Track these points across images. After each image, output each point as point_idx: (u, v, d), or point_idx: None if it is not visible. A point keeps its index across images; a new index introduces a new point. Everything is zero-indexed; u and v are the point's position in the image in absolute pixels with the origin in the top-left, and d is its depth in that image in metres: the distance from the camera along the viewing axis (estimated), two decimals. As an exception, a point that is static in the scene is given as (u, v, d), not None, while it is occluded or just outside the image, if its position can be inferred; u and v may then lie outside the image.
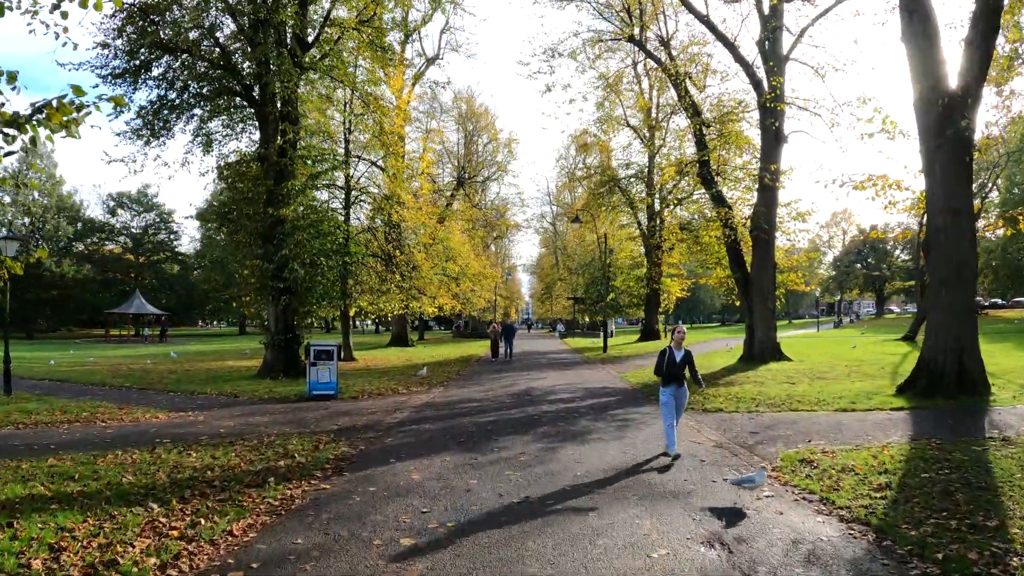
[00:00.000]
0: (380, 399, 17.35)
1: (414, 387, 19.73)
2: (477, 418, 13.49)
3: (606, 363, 27.90)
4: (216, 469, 9.27)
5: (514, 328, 34.42)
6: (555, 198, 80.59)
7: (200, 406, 16.44)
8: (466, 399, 16.78)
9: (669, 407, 9.91)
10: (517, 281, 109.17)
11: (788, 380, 18.71)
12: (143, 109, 24.10)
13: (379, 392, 18.64)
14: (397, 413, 14.53)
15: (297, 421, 13.69)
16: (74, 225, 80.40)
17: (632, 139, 44.34)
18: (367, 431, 12.33)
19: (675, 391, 9.97)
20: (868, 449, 10.03)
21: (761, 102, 24.24)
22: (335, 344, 18.10)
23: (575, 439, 11.05)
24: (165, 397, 18.44)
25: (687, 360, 9.99)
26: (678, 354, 9.92)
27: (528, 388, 19.00)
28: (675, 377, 9.96)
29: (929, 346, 15.45)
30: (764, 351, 24.29)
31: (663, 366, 9.96)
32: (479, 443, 10.79)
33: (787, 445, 10.46)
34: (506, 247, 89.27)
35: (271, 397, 17.96)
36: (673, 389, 9.96)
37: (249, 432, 12.32)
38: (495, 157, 52.23)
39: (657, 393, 15.58)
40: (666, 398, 9.95)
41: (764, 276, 24.54)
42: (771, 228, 24.54)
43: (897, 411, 13.52)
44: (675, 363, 9.91)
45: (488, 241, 68.82)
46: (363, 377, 23.38)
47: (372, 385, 20.20)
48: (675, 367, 9.92)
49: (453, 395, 17.80)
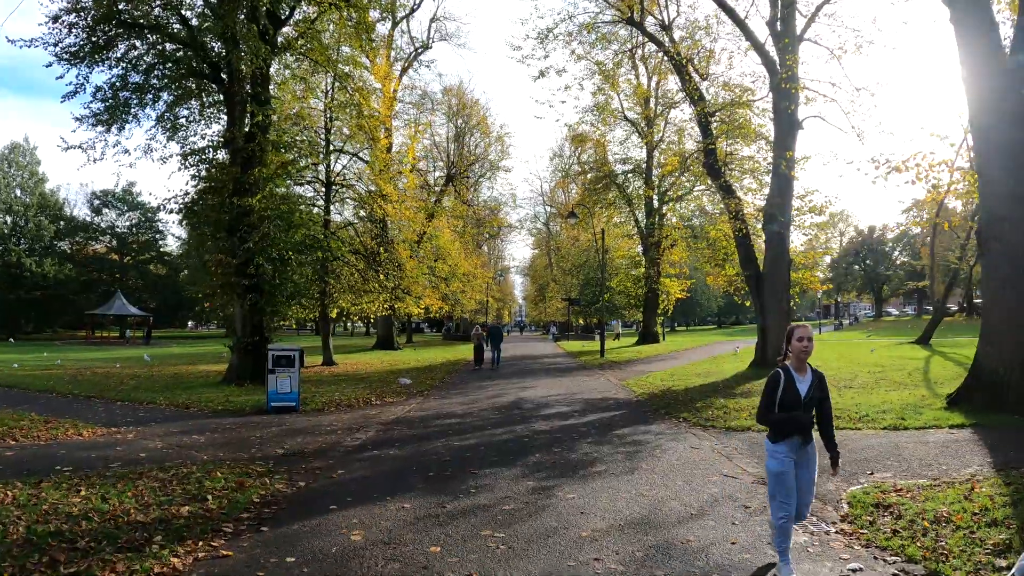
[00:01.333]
0: (347, 412, 14.84)
1: (390, 397, 17.25)
2: (454, 440, 10.96)
3: (604, 369, 25.43)
4: (95, 518, 6.77)
5: (501, 331, 30.56)
6: (549, 198, 78.44)
7: (139, 420, 14.00)
8: (445, 414, 14.26)
9: (786, 481, 5.09)
10: (510, 283, 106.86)
11: (813, 390, 16.28)
12: (100, 91, 21.70)
13: (348, 403, 16.13)
14: (361, 432, 12.01)
15: (239, 442, 11.22)
16: (56, 224, 77.49)
17: (630, 133, 42.04)
18: (317, 458, 9.83)
19: (798, 450, 5.14)
20: (952, 486, 7.64)
21: (775, 83, 21.84)
22: (295, 349, 15.59)
23: (575, 473, 8.52)
24: (107, 408, 16.01)
25: (821, 392, 5.16)
26: (802, 382, 5.09)
27: (518, 400, 16.49)
28: (800, 426, 5.06)
29: (987, 354, 13.04)
30: (779, 356, 21.87)
31: (777, 403, 5.05)
32: (452, 479, 8.27)
33: (846, 479, 8.06)
34: (499, 248, 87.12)
35: (224, 409, 15.49)
36: (794, 447, 5.12)
37: (173, 457, 9.86)
38: (487, 153, 49.82)
39: (670, 407, 12.98)
40: (782, 463, 5.09)
41: (778, 273, 22.14)
42: (786, 221, 22.15)
43: (957, 429, 11.17)
44: (799, 397, 5.03)
45: (480, 241, 66.42)
46: (336, 385, 20.90)
47: (344, 394, 17.71)
48: (801, 404, 5.03)
49: (431, 408, 15.27)
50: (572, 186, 56.74)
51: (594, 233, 43.39)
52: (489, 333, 29.61)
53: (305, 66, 25.55)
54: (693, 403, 14.73)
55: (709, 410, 13.57)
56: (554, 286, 71.65)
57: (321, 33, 23.54)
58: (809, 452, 5.28)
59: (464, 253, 43.53)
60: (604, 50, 30.70)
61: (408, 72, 42.70)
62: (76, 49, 21.10)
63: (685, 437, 10.99)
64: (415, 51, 41.42)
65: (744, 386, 17.63)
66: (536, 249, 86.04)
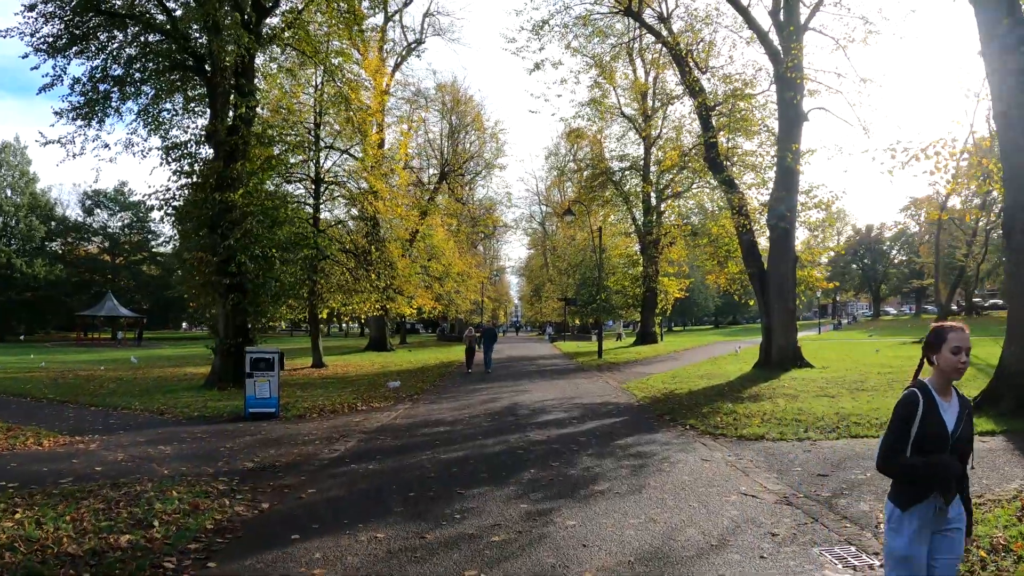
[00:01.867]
0: (330, 419, 13.84)
1: (377, 402, 16.24)
2: (441, 453, 9.92)
3: (603, 371, 24.42)
4: (22, 548, 5.80)
5: (495, 332, 28.46)
6: (544, 197, 77.48)
7: (108, 427, 13.06)
8: (434, 421, 13.23)
9: (915, 571, 3.29)
10: (506, 283, 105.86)
11: (824, 393, 15.35)
12: (78, 83, 20.75)
13: (333, 409, 15.13)
14: (341, 442, 11.00)
15: (208, 453, 10.23)
16: (47, 224, 76.16)
17: (627, 129, 41.07)
18: (289, 472, 8.84)
19: (934, 517, 3.26)
20: (999, 504, 6.79)
21: (779, 72, 20.93)
22: (275, 351, 14.56)
23: (575, 493, 7.50)
24: (78, 414, 15.11)
25: (971, 427, 3.35)
26: (948, 409, 3.32)
27: (512, 405, 15.44)
28: (947, 478, 3.20)
29: (1013, 355, 12.13)
30: (784, 357, 20.96)
31: (910, 441, 3.27)
32: (436, 501, 7.26)
33: (879, 497, 7.10)
34: (495, 248, 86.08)
35: (200, 416, 14.49)
36: (930, 514, 3.25)
37: (132, 472, 8.89)
38: (482, 151, 48.80)
39: (675, 413, 12.17)
40: (910, 541, 3.26)
41: (783, 271, 21.22)
42: (791, 217, 21.22)
43: (988, 436, 10.36)
44: (946, 434, 3.24)
45: (475, 240, 65.43)
46: (323, 388, 19.90)
47: (329, 399, 16.71)
48: (948, 443, 3.23)
49: (419, 415, 14.24)
50: (568, 185, 55.76)
51: (591, 231, 42.49)
52: (482, 334, 27.22)
53: (293, 59, 24.64)
54: (699, 408, 13.76)
55: (717, 416, 12.59)
56: (550, 286, 70.66)
57: (308, 24, 22.58)
58: (953, 518, 3.29)
59: (458, 252, 42.55)
60: (601, 43, 29.80)
61: (401, 68, 41.74)
62: (53, 39, 20.21)
63: (694, 448, 10.00)
64: (408, 46, 40.44)
65: (751, 389, 16.66)
66: (532, 249, 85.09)
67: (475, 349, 26.43)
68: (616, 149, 41.38)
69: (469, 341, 26.61)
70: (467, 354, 26.28)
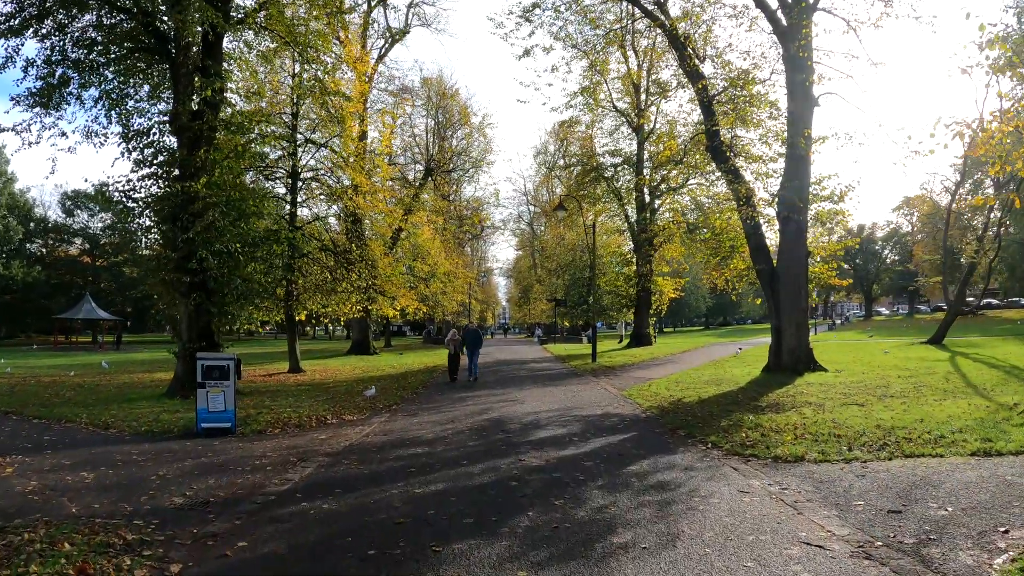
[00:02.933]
0: (292, 436, 11.92)
1: (349, 414, 14.36)
2: (416, 485, 7.99)
3: (599, 375, 22.56)
4: None
5: (480, 335, 24.71)
6: (533, 197, 75.91)
7: (38, 445, 11.30)
8: (411, 439, 11.27)
9: None
10: (494, 285, 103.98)
11: (851, 401, 13.59)
12: (33, 66, 18.82)
13: (298, 423, 13.22)
14: (297, 469, 9.09)
15: (134, 483, 8.36)
16: (26, 225, 73.71)
17: (619, 124, 39.36)
18: (222, 514, 6.95)
19: None
20: None
21: (790, 53, 19.19)
22: (230, 358, 12.60)
23: (590, 552, 5.58)
24: (14, 428, 13.35)
25: None
26: None
27: (501, 418, 13.43)
28: None
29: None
30: (796, 360, 19.21)
31: None
32: (402, 565, 5.34)
33: (980, 544, 5.40)
34: (482, 249, 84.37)
35: (149, 431, 12.60)
36: None
37: (33, 509, 7.15)
38: (469, 147, 46.86)
39: (690, 427, 10.90)
40: None
41: (794, 267, 19.48)
42: (804, 207, 19.49)
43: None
44: None
45: (463, 241, 63.60)
46: (294, 397, 18.02)
47: (297, 410, 14.80)
48: None
49: (395, 430, 12.31)
50: (557, 184, 54.08)
51: (584, 228, 40.79)
52: (465, 337, 23.05)
53: (267, 43, 22.75)
54: (716, 421, 11.95)
55: (741, 431, 10.78)
56: (539, 287, 68.85)
57: (284, 5, 20.73)
58: None
59: (445, 252, 40.65)
60: (593, 29, 27.99)
61: (385, 61, 39.83)
62: (4, 19, 18.27)
63: (725, 474, 8.17)
64: (392, 36, 38.46)
65: (768, 396, 14.87)
66: (520, 251, 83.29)
67: (459, 354, 22.65)
68: (608, 144, 39.67)
69: (452, 345, 22.84)
70: (450, 361, 22.52)
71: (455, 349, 22.53)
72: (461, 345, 22.54)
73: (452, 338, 23.08)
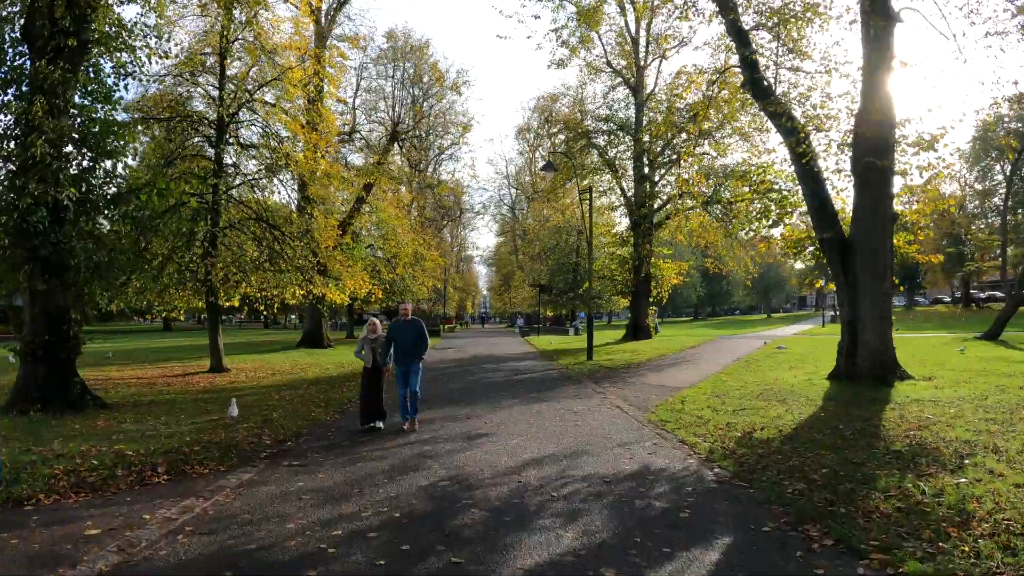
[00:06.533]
0: (52, 518, 5.90)
1: (199, 463, 8.19)
2: None
3: (601, 381, 16.45)
4: None
5: (423, 330, 10.80)
6: (515, 179, 70.11)
7: None
8: (249, 554, 5.20)
9: None
10: (474, 273, 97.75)
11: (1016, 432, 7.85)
12: None
13: (96, 483, 7.11)
14: None
15: None
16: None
17: (615, 83, 33.38)
18: None
19: None
20: None
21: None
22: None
23: None
24: None
25: None
26: None
27: (452, 487, 7.07)
28: None
29: None
30: (879, 363, 13.47)
31: None
32: None
33: None
34: (462, 235, 78.37)
35: None
36: None
37: None
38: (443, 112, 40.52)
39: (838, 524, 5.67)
40: None
41: (875, 235, 13.74)
42: (887, 155, 13.71)
43: None
44: None
45: (439, 224, 57.47)
46: (169, 414, 12.06)
47: (126, 450, 8.74)
48: None
49: (237, 519, 6.08)
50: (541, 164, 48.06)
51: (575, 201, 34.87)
52: (392, 335, 10.77)
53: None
54: (857, 494, 6.11)
55: (927, 523, 5.03)
56: (520, 274, 62.93)
57: None
58: None
59: (413, 230, 34.48)
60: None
61: (345, 11, 33.50)
62: None
63: None
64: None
65: (885, 426, 9.05)
66: (501, 236, 77.21)
67: (383, 371, 10.67)
68: (601, 108, 33.69)
69: (368, 349, 10.66)
70: (364, 386, 10.65)
71: (373, 360, 10.61)
72: (386, 352, 10.68)
73: (368, 336, 10.76)
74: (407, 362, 10.58)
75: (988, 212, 59.61)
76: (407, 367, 10.59)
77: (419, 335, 10.66)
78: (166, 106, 21.39)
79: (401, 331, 10.64)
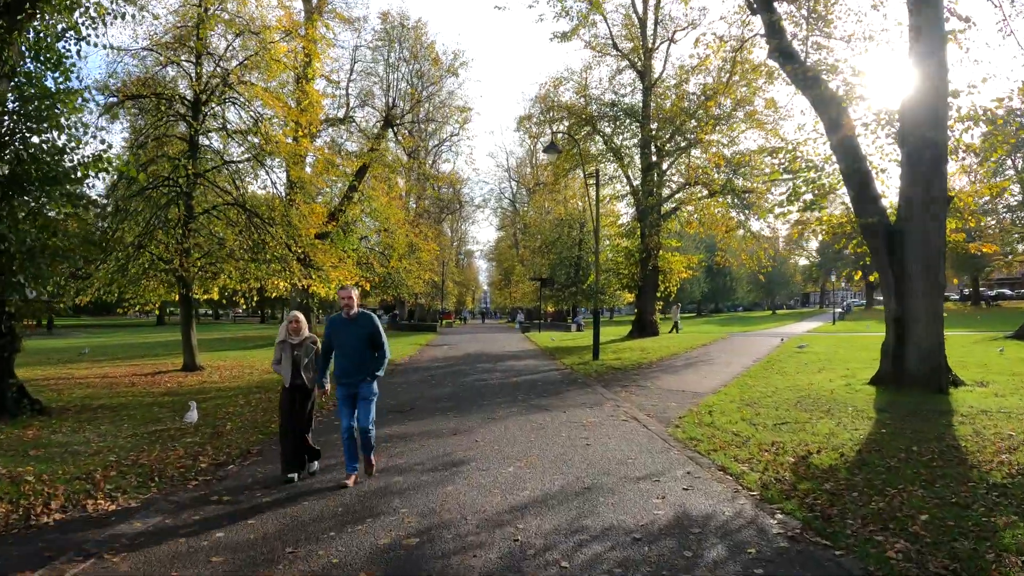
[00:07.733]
0: None
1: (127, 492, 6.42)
2: None
3: (611, 385, 14.50)
4: None
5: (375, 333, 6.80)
6: (515, 171, 68.38)
7: None
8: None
9: None
10: (474, 268, 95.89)
11: None
12: None
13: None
14: None
15: None
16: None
17: (621, 67, 31.54)
18: None
19: None
20: None
21: None
22: None
23: None
24: None
25: None
26: None
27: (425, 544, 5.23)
28: None
29: None
30: (932, 367, 11.66)
31: None
32: None
33: None
34: (462, 229, 76.75)
35: None
36: None
37: None
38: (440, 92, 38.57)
39: None
40: None
41: (926, 221, 11.89)
42: (941, 130, 11.87)
43: None
44: None
45: (438, 217, 55.66)
46: (113, 422, 10.35)
47: (60, 472, 6.94)
48: None
49: None
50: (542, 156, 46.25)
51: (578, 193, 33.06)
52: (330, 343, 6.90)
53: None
54: (981, 553, 4.37)
55: None
56: (521, 268, 61.01)
57: None
58: None
59: (409, 223, 32.63)
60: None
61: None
62: None
63: None
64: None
65: (967, 447, 7.28)
66: (501, 231, 75.32)
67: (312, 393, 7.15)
68: (607, 92, 31.77)
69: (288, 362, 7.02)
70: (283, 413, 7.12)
71: (294, 375, 7.03)
72: (322, 366, 7.04)
73: (287, 340, 7.10)
74: (353, 380, 6.75)
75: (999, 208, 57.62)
76: (352, 388, 6.78)
77: (370, 338, 6.80)
78: (141, 85, 19.67)
79: (342, 332, 6.81)
